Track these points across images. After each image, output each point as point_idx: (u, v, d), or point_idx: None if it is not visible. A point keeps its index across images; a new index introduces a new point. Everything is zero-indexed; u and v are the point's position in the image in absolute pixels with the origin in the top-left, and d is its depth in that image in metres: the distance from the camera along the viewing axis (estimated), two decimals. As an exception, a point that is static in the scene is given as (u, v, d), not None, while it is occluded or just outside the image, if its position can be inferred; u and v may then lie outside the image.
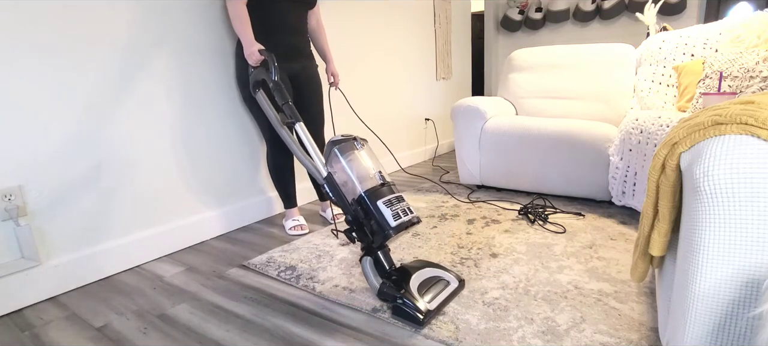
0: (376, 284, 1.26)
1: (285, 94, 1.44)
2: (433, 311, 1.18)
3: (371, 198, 1.25)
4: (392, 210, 1.25)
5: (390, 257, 1.31)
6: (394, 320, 1.20)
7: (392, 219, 1.23)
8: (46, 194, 1.42)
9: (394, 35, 3.06)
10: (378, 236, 1.25)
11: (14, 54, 1.31)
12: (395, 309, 1.21)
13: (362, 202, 1.26)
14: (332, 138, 1.37)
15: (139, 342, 1.16)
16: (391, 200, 1.27)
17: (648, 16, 2.59)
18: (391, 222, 1.22)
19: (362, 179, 1.29)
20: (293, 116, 1.42)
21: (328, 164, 1.35)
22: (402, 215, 1.25)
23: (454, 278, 1.33)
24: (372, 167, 1.32)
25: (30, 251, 1.38)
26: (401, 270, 1.30)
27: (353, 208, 1.29)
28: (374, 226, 1.24)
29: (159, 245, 1.74)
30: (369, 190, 1.26)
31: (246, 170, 2.08)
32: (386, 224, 1.22)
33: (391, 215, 1.24)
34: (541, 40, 4.45)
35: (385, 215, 1.23)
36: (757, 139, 0.64)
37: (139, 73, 1.62)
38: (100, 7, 1.49)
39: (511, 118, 2.35)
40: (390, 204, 1.25)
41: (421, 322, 1.14)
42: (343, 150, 1.33)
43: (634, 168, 1.81)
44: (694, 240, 0.68)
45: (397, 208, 1.26)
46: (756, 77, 1.74)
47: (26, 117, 1.35)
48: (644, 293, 1.25)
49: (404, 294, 1.19)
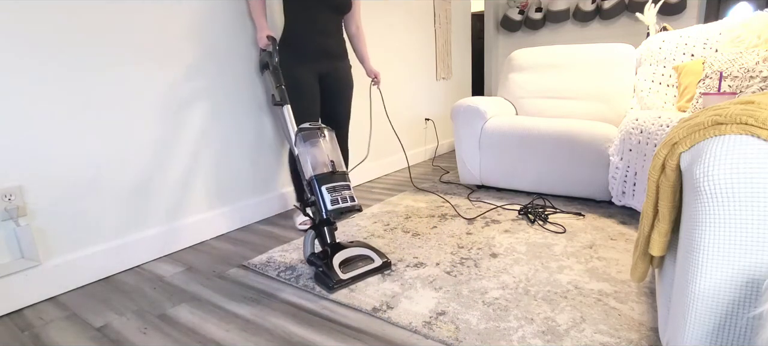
0: (307, 254, 1.51)
1: (280, 78, 1.69)
2: (344, 280, 1.37)
3: (318, 182, 1.44)
4: (332, 196, 1.43)
5: (333, 235, 1.51)
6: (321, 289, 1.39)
7: (330, 203, 1.42)
8: (46, 194, 1.42)
9: (394, 35, 3.06)
10: (318, 215, 1.46)
11: (14, 54, 1.31)
12: (316, 275, 1.43)
13: (311, 184, 1.46)
14: (301, 126, 1.56)
15: (139, 342, 1.16)
16: (336, 186, 1.45)
17: (648, 16, 2.59)
18: (328, 206, 1.41)
19: (315, 165, 1.48)
20: (282, 100, 1.65)
21: (296, 146, 1.54)
22: (341, 202, 1.43)
23: (380, 258, 1.50)
24: (328, 156, 1.50)
25: (30, 251, 1.38)
26: (335, 246, 1.49)
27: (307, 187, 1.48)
28: (317, 205, 1.44)
29: (159, 245, 1.74)
30: (318, 175, 1.45)
31: (246, 170, 2.08)
32: (323, 205, 1.42)
33: (330, 199, 1.42)
34: (541, 40, 4.45)
35: (325, 198, 1.42)
36: (757, 139, 0.64)
37: (139, 74, 1.62)
38: (101, 8, 1.49)
39: (511, 118, 2.35)
40: (333, 190, 1.44)
41: (331, 287, 1.35)
42: (305, 137, 1.53)
43: (634, 168, 1.81)
44: (694, 240, 0.68)
45: (338, 195, 1.44)
46: (756, 77, 1.74)
47: (26, 117, 1.35)
48: (644, 293, 1.25)
49: (326, 264, 1.40)
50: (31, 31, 1.34)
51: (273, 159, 2.22)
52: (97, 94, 1.51)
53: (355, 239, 1.77)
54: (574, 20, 4.22)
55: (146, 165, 1.68)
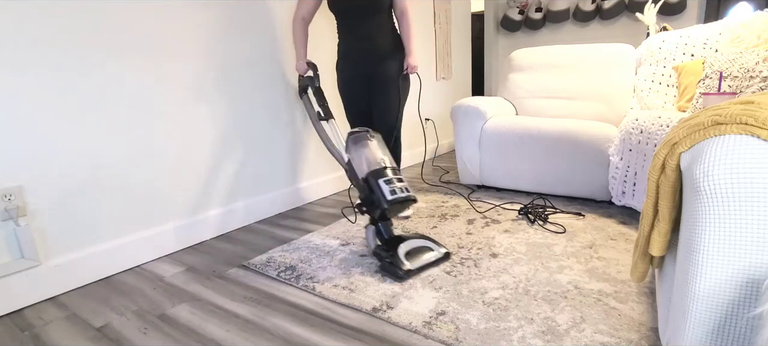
0: (372, 246, 1.55)
1: (324, 97, 1.87)
2: (413, 270, 1.42)
3: (374, 177, 1.50)
4: (390, 187, 1.48)
5: (390, 229, 1.56)
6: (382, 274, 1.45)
7: (389, 194, 1.47)
8: (46, 194, 1.42)
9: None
10: (377, 208, 1.49)
11: (14, 55, 1.31)
12: (383, 266, 1.47)
13: (367, 180, 1.52)
14: (349, 131, 1.67)
15: (139, 342, 1.16)
16: (391, 179, 1.50)
17: (648, 16, 2.58)
18: (388, 196, 1.47)
19: (370, 162, 1.55)
20: (327, 115, 1.82)
21: (347, 152, 1.64)
22: (398, 192, 1.48)
23: (441, 249, 1.55)
24: (380, 154, 1.58)
25: (30, 251, 1.38)
26: (396, 238, 1.53)
27: (363, 186, 1.54)
28: (375, 199, 1.48)
29: (159, 245, 1.73)
30: (373, 170, 1.52)
31: (246, 170, 2.08)
32: (383, 197, 1.47)
33: (388, 190, 1.48)
34: (541, 40, 4.45)
35: (383, 190, 1.48)
36: (757, 139, 0.64)
37: (139, 75, 1.62)
38: (100, 10, 1.49)
39: (511, 118, 2.35)
40: (389, 182, 1.49)
41: (401, 277, 1.40)
42: (355, 140, 1.64)
43: (634, 168, 1.81)
44: (694, 240, 0.68)
45: (395, 186, 1.49)
46: (756, 77, 1.74)
47: (26, 117, 1.35)
48: (644, 293, 1.25)
49: (392, 255, 1.44)
50: (31, 31, 1.34)
51: (273, 159, 2.22)
52: (97, 94, 1.51)
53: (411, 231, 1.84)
54: (574, 20, 4.22)
55: (146, 165, 1.68)
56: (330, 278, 1.46)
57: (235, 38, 1.96)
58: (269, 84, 2.15)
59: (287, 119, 2.27)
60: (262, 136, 2.14)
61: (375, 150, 1.59)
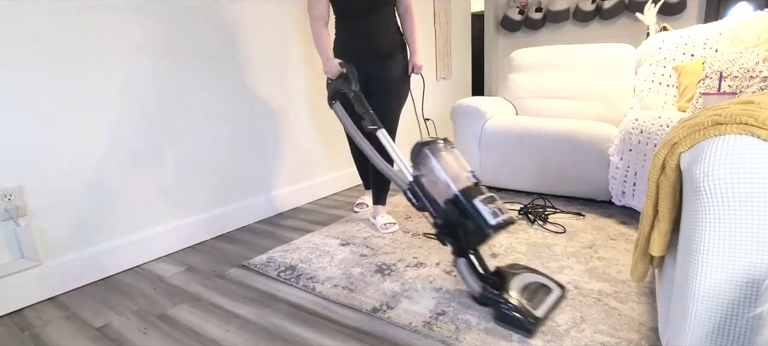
0: (477, 288, 1.21)
1: (365, 103, 1.49)
2: (541, 318, 1.11)
3: (468, 197, 1.19)
4: (490, 208, 1.18)
5: (483, 260, 1.25)
6: (499, 325, 1.13)
7: (491, 217, 1.16)
8: (46, 194, 1.42)
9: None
10: (474, 236, 1.19)
11: (14, 55, 1.31)
12: (500, 315, 1.14)
13: (457, 201, 1.20)
14: (419, 140, 1.33)
15: (139, 342, 1.16)
16: (487, 198, 1.21)
17: (648, 16, 2.58)
18: (490, 220, 1.15)
19: (457, 178, 1.24)
20: (374, 123, 1.45)
21: (415, 167, 1.31)
22: (499, 214, 1.19)
23: (555, 284, 1.26)
24: (466, 167, 1.29)
25: (30, 251, 1.38)
26: (498, 273, 1.26)
27: (444, 209, 1.24)
28: (471, 226, 1.18)
29: (159, 245, 1.73)
30: (464, 189, 1.21)
31: (246, 170, 2.08)
32: (485, 222, 1.15)
33: (490, 212, 1.17)
34: (541, 40, 4.44)
35: (483, 213, 1.17)
36: (757, 139, 0.64)
37: (139, 75, 1.62)
38: (100, 12, 1.49)
39: (511, 118, 2.35)
40: (488, 202, 1.20)
41: (530, 329, 1.08)
42: (433, 150, 1.29)
43: (634, 168, 1.81)
44: (694, 240, 0.68)
45: (494, 207, 1.20)
46: (756, 77, 1.74)
47: (26, 117, 1.35)
48: (644, 293, 1.25)
49: (509, 299, 1.13)
50: (31, 31, 1.34)
51: (272, 159, 2.22)
52: (98, 94, 1.51)
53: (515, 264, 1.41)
54: (574, 20, 4.22)
55: (146, 165, 1.68)
56: (330, 278, 1.46)
57: (242, 38, 1.96)
58: (273, 82, 2.15)
59: (287, 119, 2.27)
60: (262, 137, 2.14)
61: (458, 162, 1.30)
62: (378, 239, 1.79)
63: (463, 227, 1.20)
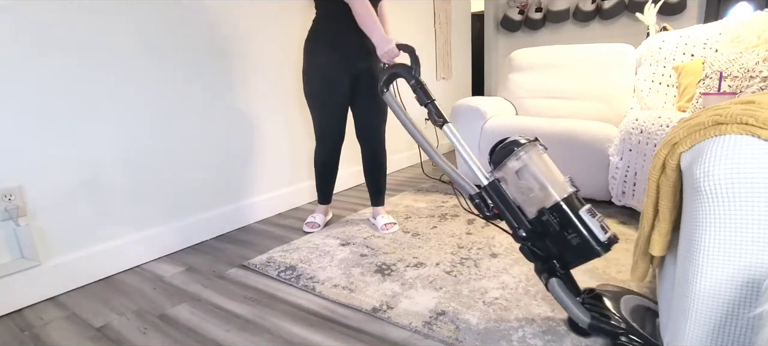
0: (584, 318, 1.01)
1: (428, 92, 1.33)
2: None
3: (572, 208, 1.01)
4: (598, 222, 1.00)
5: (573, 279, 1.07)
6: None
7: (601, 233, 0.98)
8: (46, 194, 1.41)
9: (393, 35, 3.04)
10: (578, 254, 1.01)
11: (15, 55, 1.31)
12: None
13: (559, 212, 1.02)
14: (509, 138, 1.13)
15: (139, 342, 1.16)
16: (590, 209, 1.03)
17: (648, 16, 2.58)
18: (601, 236, 0.98)
19: (557, 185, 1.05)
20: (440, 116, 1.31)
21: (498, 169, 1.12)
22: (607, 229, 1.01)
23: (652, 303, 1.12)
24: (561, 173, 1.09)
25: (30, 251, 1.38)
26: (597, 296, 1.08)
27: (536, 219, 1.06)
28: (575, 241, 1.00)
29: (159, 245, 1.73)
30: (567, 197, 1.03)
31: (246, 170, 2.08)
32: (594, 238, 0.98)
33: (599, 227, 0.99)
34: (541, 40, 4.45)
35: (592, 228, 0.98)
36: (758, 139, 0.64)
37: (138, 75, 1.62)
38: (100, 13, 1.49)
39: (511, 118, 2.35)
40: (594, 214, 1.01)
41: None
42: (529, 151, 1.08)
43: (634, 168, 1.81)
44: (694, 240, 0.68)
45: (600, 221, 1.01)
46: (756, 77, 1.74)
47: (27, 117, 1.35)
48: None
49: (630, 330, 0.97)
50: (31, 31, 1.34)
51: (272, 160, 2.22)
52: (97, 95, 1.51)
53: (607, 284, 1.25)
54: (574, 20, 4.22)
55: (146, 165, 1.68)
56: (330, 278, 1.46)
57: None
58: (273, 82, 2.15)
59: (287, 118, 2.27)
60: (262, 136, 2.14)
61: (553, 166, 1.10)
62: (378, 239, 1.79)
63: (561, 242, 1.02)
